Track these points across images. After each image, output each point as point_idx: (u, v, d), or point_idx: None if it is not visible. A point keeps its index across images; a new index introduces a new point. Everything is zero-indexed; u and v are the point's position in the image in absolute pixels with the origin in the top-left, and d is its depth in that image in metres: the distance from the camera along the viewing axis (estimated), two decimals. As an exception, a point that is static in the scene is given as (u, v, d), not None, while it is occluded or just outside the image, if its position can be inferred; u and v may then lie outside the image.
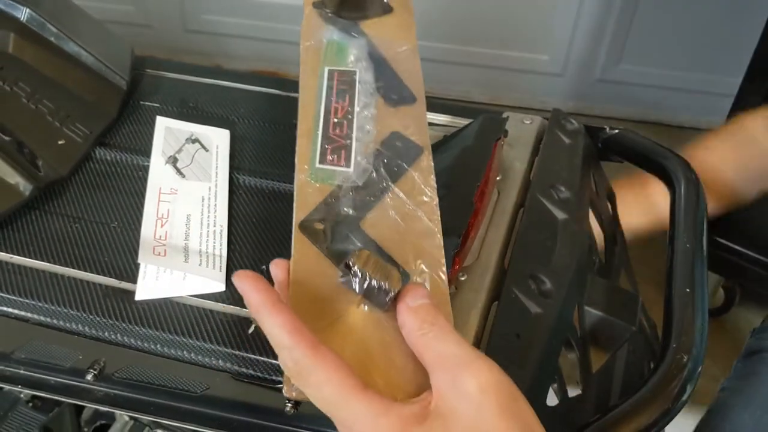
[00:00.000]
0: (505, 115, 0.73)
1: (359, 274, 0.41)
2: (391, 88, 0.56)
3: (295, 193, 0.49)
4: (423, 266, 0.45)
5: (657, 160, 0.72)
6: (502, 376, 0.37)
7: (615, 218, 0.77)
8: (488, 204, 0.65)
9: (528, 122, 0.77)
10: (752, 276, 1.38)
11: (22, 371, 0.62)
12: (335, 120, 0.52)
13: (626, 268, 0.75)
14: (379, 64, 0.58)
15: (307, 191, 0.49)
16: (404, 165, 0.50)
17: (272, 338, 0.40)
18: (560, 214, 0.65)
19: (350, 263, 0.41)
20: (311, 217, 0.48)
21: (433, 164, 0.51)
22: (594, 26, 1.98)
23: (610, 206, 0.77)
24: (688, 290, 0.57)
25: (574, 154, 0.73)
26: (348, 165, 0.50)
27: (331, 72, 0.56)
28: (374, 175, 0.49)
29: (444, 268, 0.45)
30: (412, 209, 0.47)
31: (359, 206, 0.48)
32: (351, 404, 0.37)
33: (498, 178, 0.68)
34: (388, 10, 0.63)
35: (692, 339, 0.54)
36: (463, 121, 0.77)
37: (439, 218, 0.48)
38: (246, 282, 0.41)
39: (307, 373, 0.38)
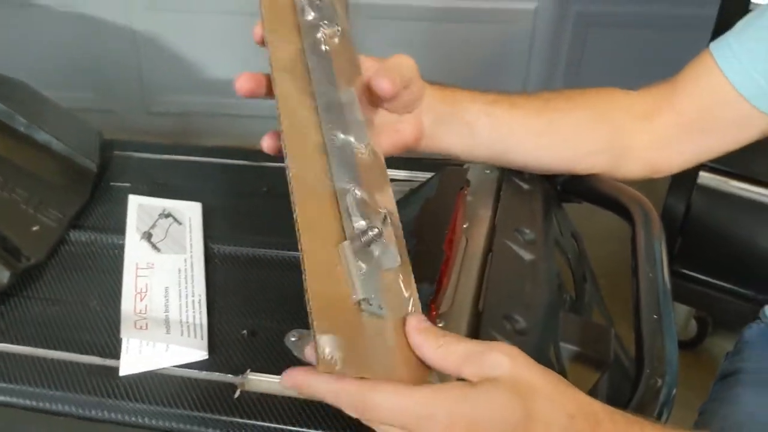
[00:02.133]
0: (466, 166, 0.75)
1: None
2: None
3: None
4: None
5: (614, 197, 0.75)
6: (516, 348, 0.43)
7: (583, 256, 0.79)
8: (458, 251, 0.67)
9: (488, 171, 0.80)
10: (722, 305, 1.41)
11: (6, 461, 0.62)
12: None
13: (598, 303, 0.78)
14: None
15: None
16: None
17: (333, 400, 0.44)
18: (527, 255, 0.67)
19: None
20: None
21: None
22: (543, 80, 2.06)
23: (576, 245, 0.79)
24: (655, 317, 0.59)
25: (534, 198, 0.76)
26: None
27: None
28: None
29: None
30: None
31: None
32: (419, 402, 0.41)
33: (465, 226, 0.70)
34: None
35: (664, 363, 0.56)
36: (425, 175, 0.79)
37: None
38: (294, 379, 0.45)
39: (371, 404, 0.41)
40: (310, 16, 0.59)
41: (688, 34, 1.86)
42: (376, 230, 0.47)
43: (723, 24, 1.20)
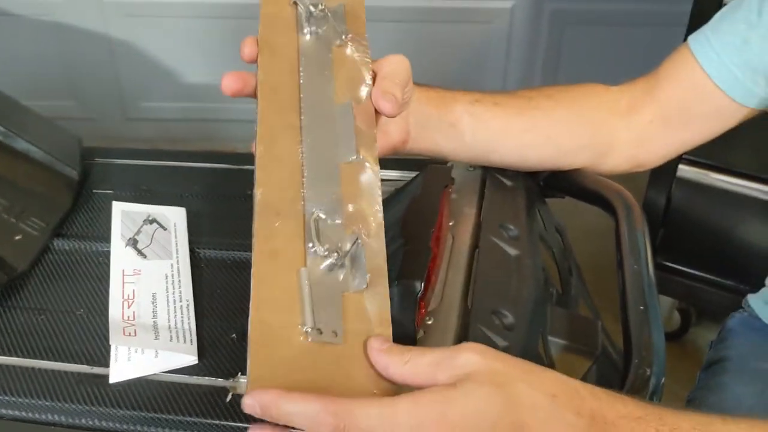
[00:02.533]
0: (449, 164, 0.76)
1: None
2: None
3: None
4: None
5: (597, 192, 0.76)
6: (482, 344, 0.42)
7: (568, 250, 0.80)
8: (445, 248, 0.68)
9: (471, 169, 0.80)
10: (705, 296, 1.43)
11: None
12: None
13: (584, 297, 0.78)
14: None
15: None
16: None
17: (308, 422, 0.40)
18: (512, 251, 0.68)
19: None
20: None
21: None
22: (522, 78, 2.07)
23: (561, 239, 0.80)
24: (641, 308, 0.60)
25: (517, 195, 0.76)
26: None
27: None
28: None
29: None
30: None
31: None
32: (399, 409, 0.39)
33: (450, 224, 0.71)
34: None
35: (651, 353, 0.56)
36: (410, 174, 0.80)
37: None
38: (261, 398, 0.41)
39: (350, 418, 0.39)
40: (313, 27, 0.58)
41: (664, 30, 1.88)
42: (336, 255, 0.46)
43: (697, 19, 1.22)
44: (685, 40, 0.69)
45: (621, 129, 0.71)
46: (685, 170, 1.35)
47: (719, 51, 0.66)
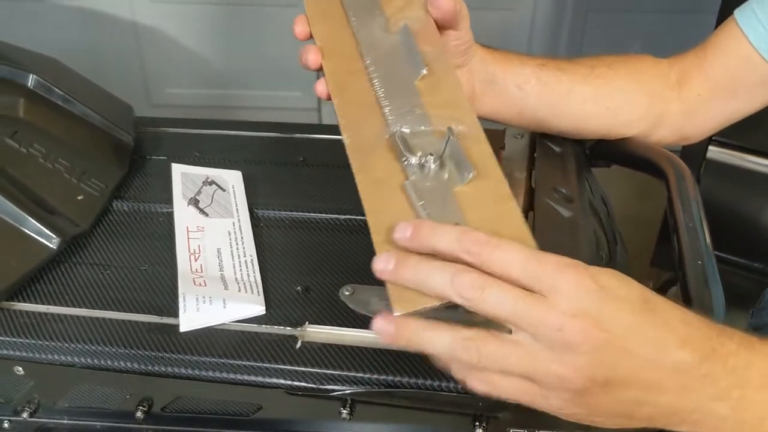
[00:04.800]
0: (502, 129, 0.77)
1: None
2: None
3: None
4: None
5: (644, 157, 0.77)
6: None
7: (612, 218, 0.81)
8: (499, 211, 0.69)
9: (519, 137, 0.81)
10: (732, 279, 1.43)
11: (66, 421, 0.63)
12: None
13: (626, 266, 0.79)
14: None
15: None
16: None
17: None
18: (566, 213, 0.69)
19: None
20: None
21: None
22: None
23: (606, 207, 0.81)
24: (699, 263, 0.61)
25: (567, 160, 0.77)
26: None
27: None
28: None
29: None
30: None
31: None
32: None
33: (504, 187, 0.72)
34: None
35: (710, 306, 0.58)
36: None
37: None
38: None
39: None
40: None
41: (686, 16, 1.89)
42: (432, 157, 0.47)
43: (728, 2, 1.22)
44: (718, 24, 0.71)
45: (672, 101, 0.72)
46: (714, 151, 1.35)
47: (765, 23, 0.67)
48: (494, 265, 0.40)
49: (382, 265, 0.41)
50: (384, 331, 0.41)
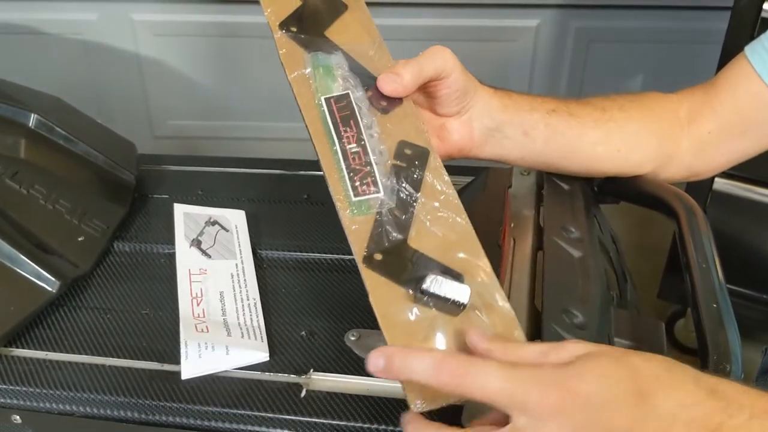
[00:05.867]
0: (509, 167, 0.76)
1: (434, 296, 0.47)
2: (378, 96, 0.58)
3: (345, 231, 0.51)
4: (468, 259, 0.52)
5: (654, 195, 0.76)
6: None
7: (621, 255, 0.80)
8: (507, 250, 0.67)
9: (525, 174, 0.80)
10: (741, 311, 1.41)
11: (64, 473, 0.61)
12: (352, 149, 0.54)
13: (636, 303, 0.78)
14: (361, 73, 0.60)
15: (354, 227, 0.51)
16: (419, 171, 0.54)
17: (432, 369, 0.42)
18: (576, 253, 0.68)
19: (425, 289, 0.47)
20: (369, 251, 0.50)
21: (440, 161, 0.55)
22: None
23: (615, 244, 0.80)
24: (714, 305, 0.60)
25: (576, 198, 0.76)
26: (378, 190, 0.52)
27: (328, 101, 0.58)
28: (400, 192, 0.53)
29: (484, 259, 0.52)
30: (441, 213, 0.53)
31: (402, 227, 0.51)
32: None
33: (511, 226, 0.71)
34: (342, 8, 0.65)
35: (728, 348, 0.56)
36: (463, 179, 0.80)
37: (462, 207, 0.54)
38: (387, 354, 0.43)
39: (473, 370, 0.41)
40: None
41: (688, 47, 1.89)
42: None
43: (735, 31, 1.22)
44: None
45: (683, 139, 0.71)
46: (721, 183, 1.34)
47: None
48: (473, 390, 0.41)
49: (372, 368, 0.43)
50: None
